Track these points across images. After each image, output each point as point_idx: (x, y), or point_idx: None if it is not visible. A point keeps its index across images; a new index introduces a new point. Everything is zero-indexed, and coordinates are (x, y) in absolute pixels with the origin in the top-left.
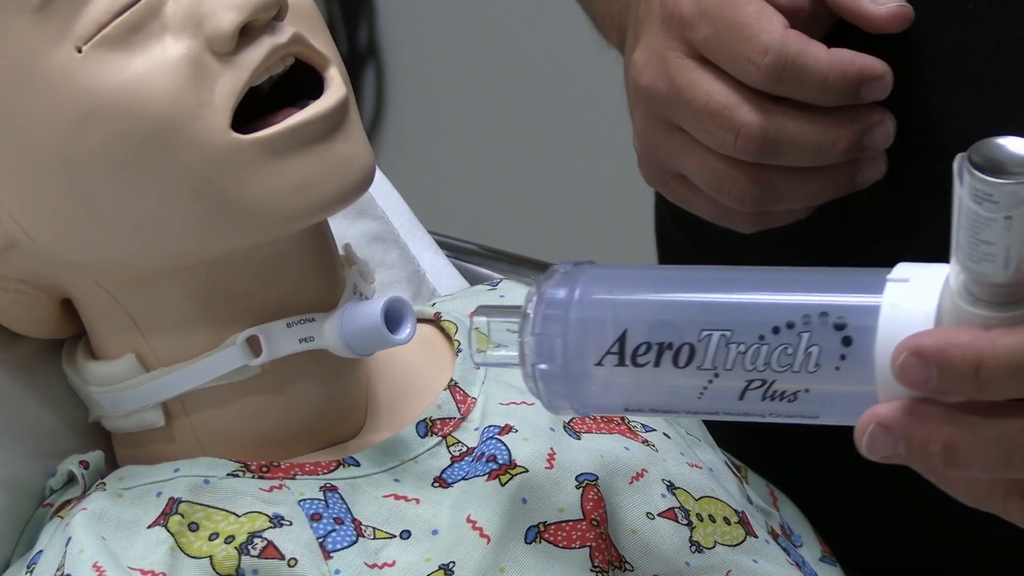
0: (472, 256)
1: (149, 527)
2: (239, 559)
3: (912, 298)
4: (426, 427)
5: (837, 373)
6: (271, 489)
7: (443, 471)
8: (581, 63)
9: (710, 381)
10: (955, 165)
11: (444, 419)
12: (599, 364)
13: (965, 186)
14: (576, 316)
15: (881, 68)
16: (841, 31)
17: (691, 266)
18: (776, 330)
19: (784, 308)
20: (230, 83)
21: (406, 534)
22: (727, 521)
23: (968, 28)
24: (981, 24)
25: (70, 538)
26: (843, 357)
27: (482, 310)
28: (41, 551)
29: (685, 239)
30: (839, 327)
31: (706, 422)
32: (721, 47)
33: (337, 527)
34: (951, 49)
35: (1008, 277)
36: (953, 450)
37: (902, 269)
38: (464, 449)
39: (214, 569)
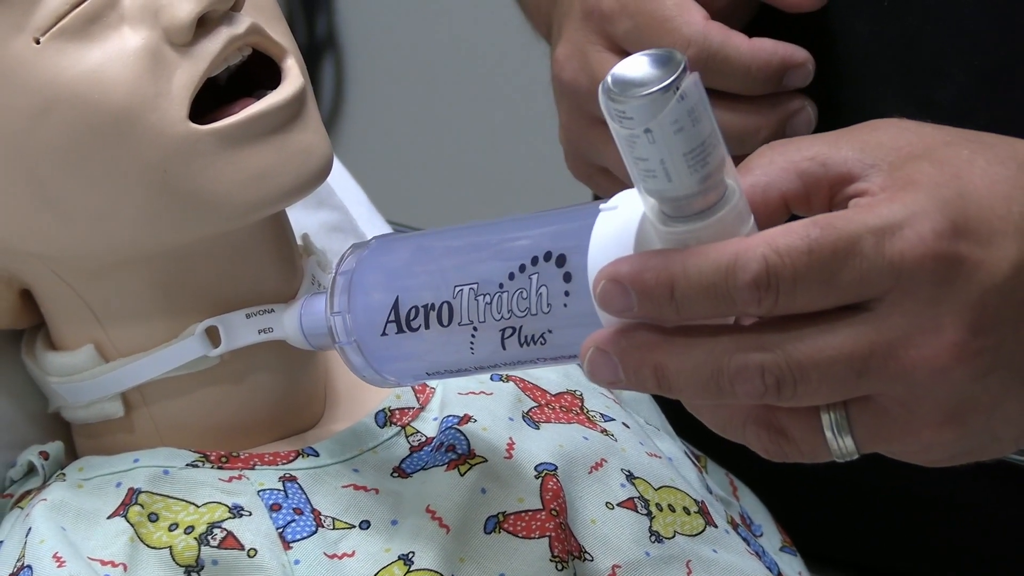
0: None
1: (109, 518)
2: (199, 549)
3: (616, 225)
4: (385, 417)
5: (566, 310)
6: (230, 479)
7: (402, 461)
8: (540, 55)
9: (473, 336)
10: (599, 95)
11: (403, 409)
12: (384, 335)
13: (607, 111)
14: (355, 291)
15: (803, 56)
16: (759, 23)
17: (455, 227)
18: (512, 276)
19: (515, 253)
20: (188, 74)
21: (365, 524)
22: (687, 511)
23: (883, 23)
24: (895, 20)
25: (30, 528)
26: (567, 293)
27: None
28: (1, 541)
29: None
30: (560, 264)
31: (664, 412)
32: (642, 41)
33: (296, 517)
34: (866, 43)
35: (678, 189)
36: (664, 374)
37: (617, 197)
38: (423, 439)
39: (174, 559)
